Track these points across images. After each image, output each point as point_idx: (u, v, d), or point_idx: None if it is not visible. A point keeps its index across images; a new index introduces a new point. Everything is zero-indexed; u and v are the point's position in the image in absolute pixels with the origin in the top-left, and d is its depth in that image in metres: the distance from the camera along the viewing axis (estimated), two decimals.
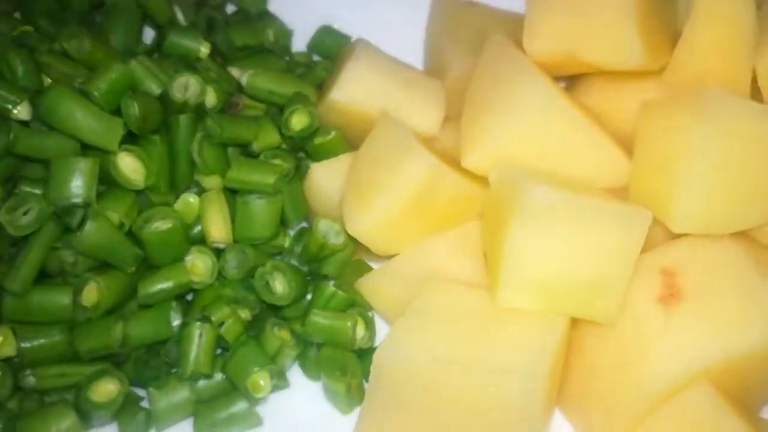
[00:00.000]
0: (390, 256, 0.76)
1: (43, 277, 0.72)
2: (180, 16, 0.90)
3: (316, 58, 0.96)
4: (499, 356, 0.63)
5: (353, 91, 0.81)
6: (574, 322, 0.67)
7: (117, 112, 0.72)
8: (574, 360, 0.69)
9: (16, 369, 0.72)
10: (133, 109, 0.71)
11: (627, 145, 0.72)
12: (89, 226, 0.69)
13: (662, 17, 0.74)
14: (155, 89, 0.76)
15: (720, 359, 0.62)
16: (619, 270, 0.63)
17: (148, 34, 0.90)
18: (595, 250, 0.63)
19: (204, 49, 0.84)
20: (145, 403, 0.74)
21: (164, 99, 0.76)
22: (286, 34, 0.95)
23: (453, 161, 0.74)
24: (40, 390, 0.72)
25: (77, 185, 0.69)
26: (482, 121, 0.72)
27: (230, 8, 0.97)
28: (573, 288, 0.64)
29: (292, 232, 0.83)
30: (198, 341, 0.72)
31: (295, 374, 0.78)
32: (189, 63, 0.82)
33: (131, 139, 0.74)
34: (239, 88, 0.85)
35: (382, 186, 0.72)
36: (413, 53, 0.93)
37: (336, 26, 0.96)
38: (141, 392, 0.75)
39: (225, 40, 0.88)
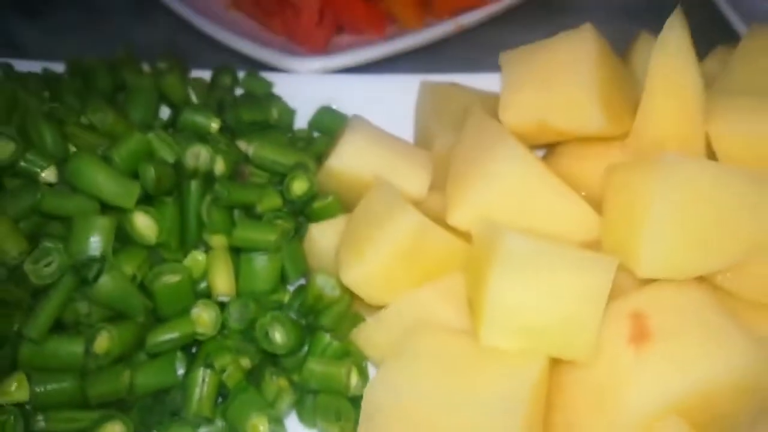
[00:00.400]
0: (381, 308, 0.82)
1: (58, 327, 0.78)
2: (193, 96, 1.00)
3: (316, 134, 1.06)
4: (483, 394, 0.67)
5: (349, 158, 0.89)
6: (554, 364, 0.72)
7: (134, 177, 0.81)
8: (556, 401, 0.73)
9: (28, 415, 0.76)
10: (150, 173, 0.79)
11: (596, 203, 0.79)
12: (105, 278, 0.76)
13: (622, 88, 0.83)
14: (169, 157, 0.85)
15: (688, 394, 0.66)
16: (591, 311, 0.68)
17: (165, 112, 1.00)
18: (567, 293, 0.68)
19: (214, 125, 0.93)
20: None
21: (177, 166, 0.84)
22: (289, 113, 1.05)
23: (439, 221, 0.81)
24: None
25: (95, 240, 0.76)
26: (465, 184, 0.80)
27: (238, 91, 1.08)
28: (549, 329, 0.69)
29: (291, 288, 0.89)
30: (201, 385, 0.77)
31: (292, 422, 0.82)
32: (201, 136, 0.91)
33: (146, 201, 0.81)
34: (246, 159, 0.94)
35: (374, 240, 0.78)
36: (404, 130, 1.02)
37: (335, 107, 1.06)
38: None
39: (234, 116, 0.97)
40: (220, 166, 0.88)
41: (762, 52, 0.85)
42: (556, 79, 0.80)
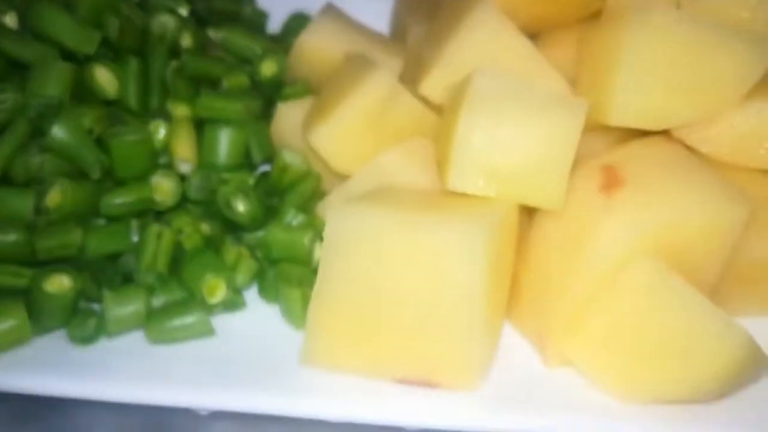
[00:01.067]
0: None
1: (7, 183, 0.74)
2: None
3: None
4: (445, 231, 0.64)
5: (320, 36, 0.88)
6: (524, 216, 0.70)
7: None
8: (526, 253, 0.71)
9: None
10: (114, 23, 0.77)
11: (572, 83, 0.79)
12: (59, 126, 0.72)
13: None
14: (136, 21, 0.82)
15: (661, 233, 0.64)
16: (561, 154, 0.66)
17: None
18: (537, 134, 0.67)
19: (183, 9, 0.91)
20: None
21: (143, 32, 0.81)
22: (261, 14, 1.04)
23: None
24: None
25: (53, 86, 0.73)
26: (438, 51, 0.78)
27: None
28: (518, 173, 0.67)
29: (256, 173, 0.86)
30: (156, 242, 0.73)
31: (252, 298, 0.78)
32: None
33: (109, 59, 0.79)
34: (213, 46, 0.92)
35: (344, 100, 0.76)
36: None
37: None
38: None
39: (205, 5, 0.95)
40: (186, 41, 0.86)
41: None
42: None
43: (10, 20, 0.75)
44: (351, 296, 0.65)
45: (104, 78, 0.76)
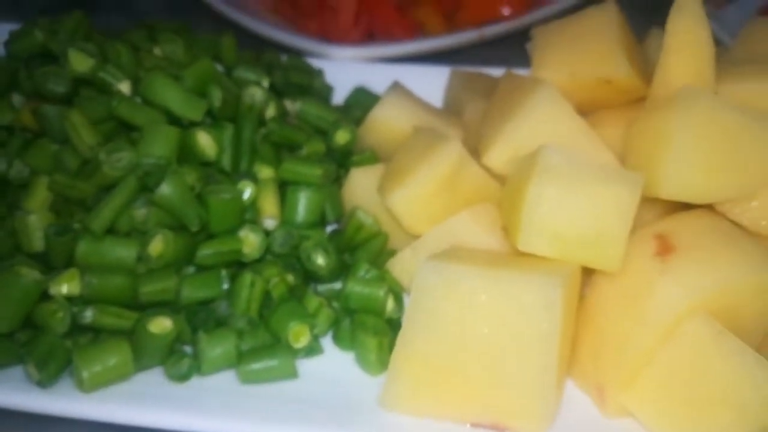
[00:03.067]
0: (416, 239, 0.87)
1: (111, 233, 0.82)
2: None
3: None
4: (528, 281, 0.71)
5: (391, 109, 0.97)
6: (584, 276, 0.77)
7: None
8: (586, 310, 0.78)
9: (77, 308, 0.78)
10: (217, 93, 0.86)
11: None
12: (167, 183, 0.80)
13: (640, 59, 0.93)
14: (232, 92, 0.92)
15: (713, 294, 0.71)
16: (620, 221, 0.75)
17: None
18: (600, 204, 0.75)
19: (264, 82, 1.02)
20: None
21: (236, 100, 0.91)
22: (327, 87, 1.14)
23: None
24: (95, 327, 0.78)
25: (162, 147, 0.82)
26: (499, 125, 0.88)
27: None
28: (581, 238, 0.75)
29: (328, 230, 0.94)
30: (249, 288, 0.81)
31: (328, 347, 0.85)
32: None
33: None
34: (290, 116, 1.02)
35: (418, 166, 0.85)
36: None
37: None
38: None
39: (282, 77, 1.05)
40: (271, 110, 0.96)
41: (760, 43, 0.97)
42: (585, 38, 0.90)
43: (125, 87, 0.85)
44: (433, 344, 0.72)
45: (205, 142, 0.85)
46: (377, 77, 1.16)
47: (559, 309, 0.69)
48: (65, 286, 0.78)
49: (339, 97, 1.15)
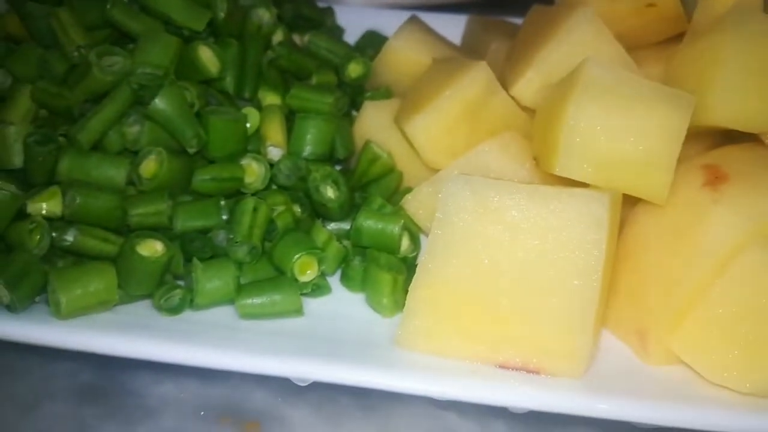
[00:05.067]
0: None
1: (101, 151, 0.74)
2: None
3: None
4: (573, 196, 0.64)
5: (408, 40, 0.90)
6: (626, 206, 0.70)
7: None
8: (626, 245, 0.70)
9: (58, 229, 0.69)
10: (222, 5, 0.78)
11: None
12: (163, 95, 0.72)
13: None
14: (239, 8, 0.84)
15: None
16: (668, 147, 0.67)
17: None
18: (645, 126, 0.67)
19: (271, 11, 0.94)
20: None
21: (243, 20, 0.83)
22: (338, 29, 1.06)
23: None
24: (77, 251, 0.69)
25: (160, 56, 0.74)
26: (531, 53, 0.80)
27: None
28: (625, 163, 0.67)
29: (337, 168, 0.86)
30: (252, 215, 0.72)
31: (337, 289, 0.76)
32: None
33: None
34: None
35: (443, 92, 0.77)
36: None
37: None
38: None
39: (292, 9, 0.97)
40: (279, 35, 0.88)
41: None
42: None
43: None
44: (459, 270, 0.64)
45: (207, 57, 0.77)
46: (389, 23, 1.08)
47: (606, 228, 0.61)
48: (45, 205, 0.70)
49: (349, 41, 1.08)
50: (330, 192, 0.78)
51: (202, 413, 0.70)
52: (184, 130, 0.74)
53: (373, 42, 1.06)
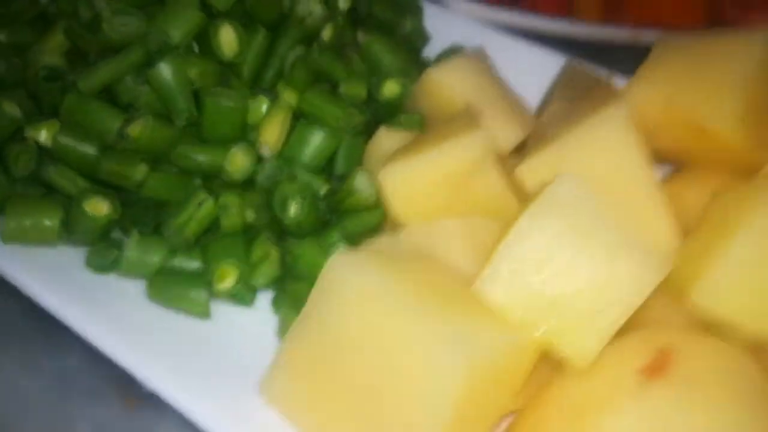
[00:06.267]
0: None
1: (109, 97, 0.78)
2: None
3: None
4: (440, 336, 0.56)
5: (447, 74, 0.82)
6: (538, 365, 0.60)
7: None
8: (530, 402, 0.61)
9: (43, 159, 0.76)
10: None
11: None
12: (166, 62, 0.74)
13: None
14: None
15: None
16: (616, 306, 0.56)
17: None
18: (599, 271, 0.57)
19: (344, 2, 0.91)
20: None
21: (284, 9, 0.82)
22: (422, 36, 1.00)
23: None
24: (49, 185, 0.76)
25: (178, 26, 0.75)
26: (550, 138, 0.70)
27: None
28: (561, 304, 0.57)
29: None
30: (195, 208, 0.73)
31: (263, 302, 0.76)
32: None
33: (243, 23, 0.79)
34: (355, 48, 0.90)
35: (430, 149, 0.71)
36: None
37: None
38: None
39: (367, 5, 0.93)
40: (326, 33, 0.85)
41: None
42: (704, 67, 0.68)
43: None
44: (319, 348, 0.60)
45: (226, 38, 0.77)
46: (487, 44, 1.00)
47: (461, 383, 0.53)
48: (42, 133, 0.76)
49: (434, 50, 1.01)
50: (292, 209, 0.76)
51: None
52: (175, 103, 0.75)
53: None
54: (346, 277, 0.59)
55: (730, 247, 0.57)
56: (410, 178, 0.71)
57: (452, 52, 0.98)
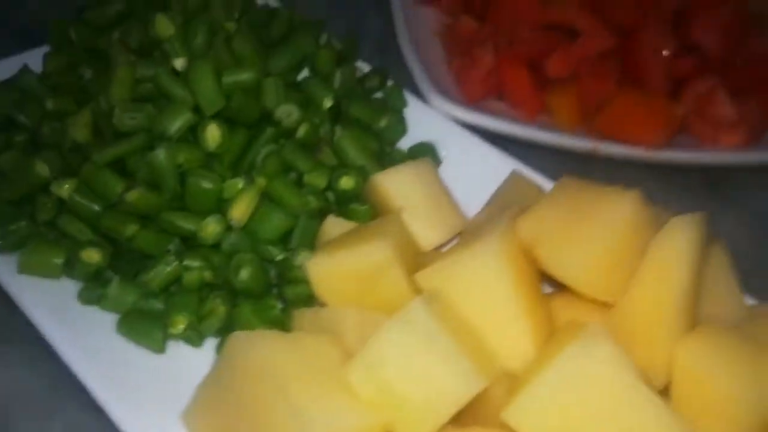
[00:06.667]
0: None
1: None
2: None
3: None
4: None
5: (389, 181, 0.98)
6: None
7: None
8: None
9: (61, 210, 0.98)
10: (239, 100, 0.96)
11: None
12: (160, 150, 0.94)
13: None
14: (270, 100, 1.01)
15: None
16: (444, 408, 0.71)
17: None
18: (435, 379, 0.71)
19: (328, 101, 1.08)
20: None
21: (265, 112, 1.00)
22: (398, 131, 1.17)
23: None
24: (60, 230, 0.97)
25: (174, 124, 0.95)
26: (458, 250, 0.85)
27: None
28: (403, 398, 0.72)
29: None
30: (164, 266, 0.93)
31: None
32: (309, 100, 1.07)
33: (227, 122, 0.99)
34: (329, 141, 1.08)
35: (350, 247, 0.87)
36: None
37: (441, 151, 1.15)
38: None
39: (346, 105, 1.11)
40: (301, 130, 1.03)
41: None
42: (581, 216, 0.81)
43: (179, 64, 0.99)
44: (217, 396, 0.78)
45: (212, 134, 0.96)
46: (454, 143, 1.15)
47: None
48: (63, 190, 0.98)
49: (411, 140, 1.17)
50: (243, 274, 0.94)
51: None
52: (165, 182, 0.96)
53: (421, 154, 1.14)
54: (241, 350, 0.77)
55: (540, 378, 0.70)
56: (329, 270, 0.88)
57: (423, 150, 1.14)
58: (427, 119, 1.20)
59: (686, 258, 0.73)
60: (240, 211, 0.98)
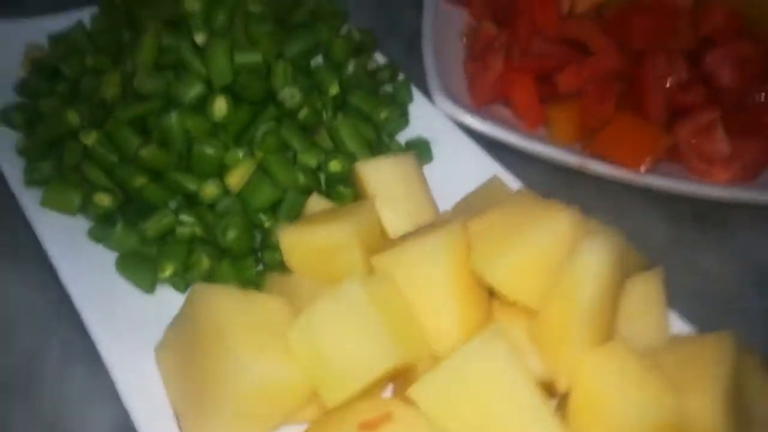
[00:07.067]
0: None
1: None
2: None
3: None
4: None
5: (371, 169, 1.07)
6: None
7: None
8: None
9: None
10: (243, 80, 1.07)
11: None
12: (174, 114, 1.06)
13: None
14: (279, 83, 1.12)
15: None
16: (365, 373, 0.82)
17: None
18: (360, 346, 0.82)
19: (333, 89, 1.18)
20: None
21: (271, 90, 1.11)
22: (397, 122, 1.25)
23: None
24: (82, 174, 1.11)
25: (187, 92, 1.07)
26: (405, 239, 0.95)
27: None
28: (330, 361, 0.82)
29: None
30: (159, 218, 1.05)
31: None
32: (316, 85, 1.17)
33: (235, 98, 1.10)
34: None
35: (317, 225, 0.98)
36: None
37: (433, 148, 1.23)
38: None
39: (350, 93, 1.20)
40: (302, 113, 1.13)
41: None
42: (519, 230, 0.88)
43: (199, 39, 1.10)
44: (181, 339, 0.90)
45: (219, 106, 1.08)
46: (450, 142, 1.23)
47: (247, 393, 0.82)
48: (89, 138, 1.12)
49: (411, 134, 1.26)
50: (229, 234, 1.06)
51: None
52: (175, 142, 1.08)
53: (415, 148, 1.23)
54: (201, 300, 0.89)
55: (442, 364, 0.79)
56: (297, 242, 0.98)
57: (418, 145, 1.23)
58: (428, 116, 1.28)
59: (594, 276, 0.80)
60: (236, 178, 1.09)
